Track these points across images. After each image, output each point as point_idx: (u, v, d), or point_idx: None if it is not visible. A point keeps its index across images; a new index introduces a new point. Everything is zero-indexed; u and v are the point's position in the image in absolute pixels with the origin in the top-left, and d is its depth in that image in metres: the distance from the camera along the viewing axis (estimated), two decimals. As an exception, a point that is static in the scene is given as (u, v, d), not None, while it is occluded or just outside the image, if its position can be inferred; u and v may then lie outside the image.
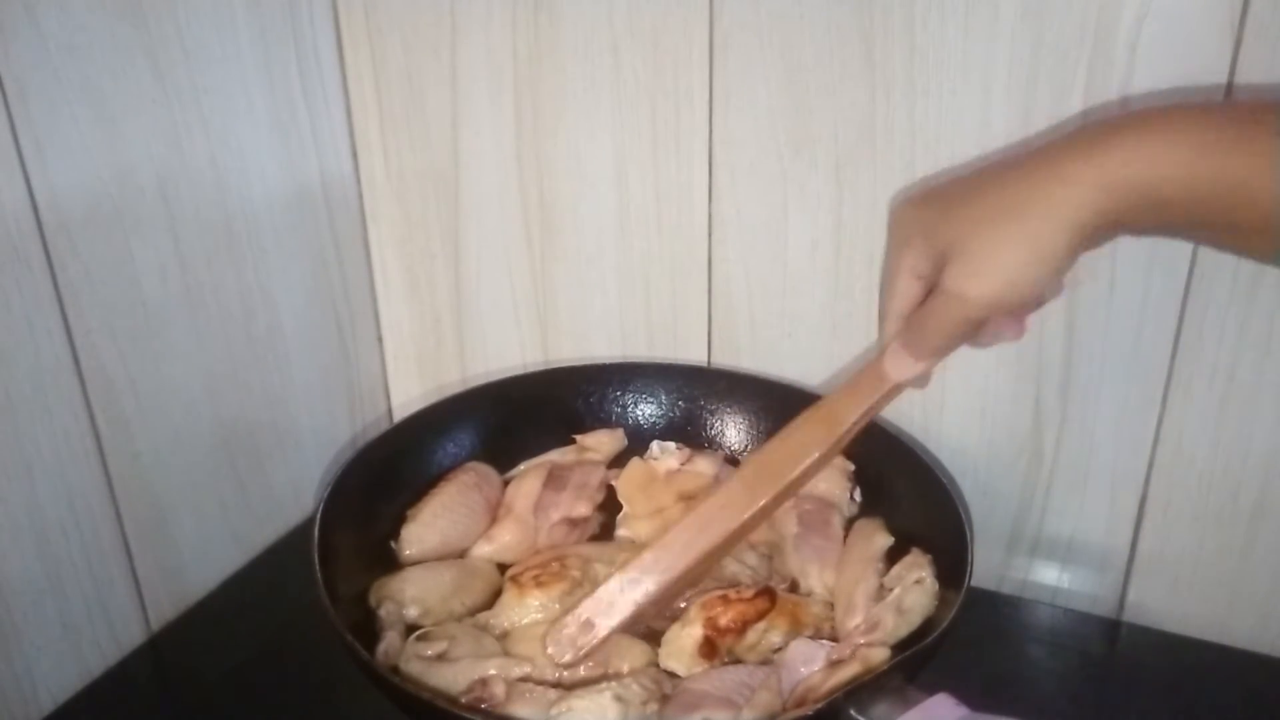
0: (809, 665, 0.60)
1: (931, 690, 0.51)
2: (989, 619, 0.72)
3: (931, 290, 0.55)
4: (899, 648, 0.59)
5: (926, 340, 0.56)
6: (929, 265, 0.55)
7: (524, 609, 0.64)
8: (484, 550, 0.71)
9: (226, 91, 0.72)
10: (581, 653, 0.59)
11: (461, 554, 0.71)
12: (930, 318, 0.55)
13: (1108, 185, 0.48)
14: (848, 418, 0.60)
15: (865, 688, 0.53)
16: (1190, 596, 0.71)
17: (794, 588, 0.67)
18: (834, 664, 0.59)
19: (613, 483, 0.76)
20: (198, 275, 0.72)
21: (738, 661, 0.60)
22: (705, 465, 0.76)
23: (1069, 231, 0.49)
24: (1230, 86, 0.59)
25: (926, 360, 0.58)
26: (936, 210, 0.55)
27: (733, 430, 0.80)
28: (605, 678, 0.58)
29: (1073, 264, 0.51)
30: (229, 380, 0.76)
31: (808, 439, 0.61)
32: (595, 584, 0.63)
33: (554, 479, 0.74)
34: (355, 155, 0.86)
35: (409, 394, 0.94)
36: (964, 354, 0.71)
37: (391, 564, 0.69)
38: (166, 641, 0.73)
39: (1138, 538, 0.71)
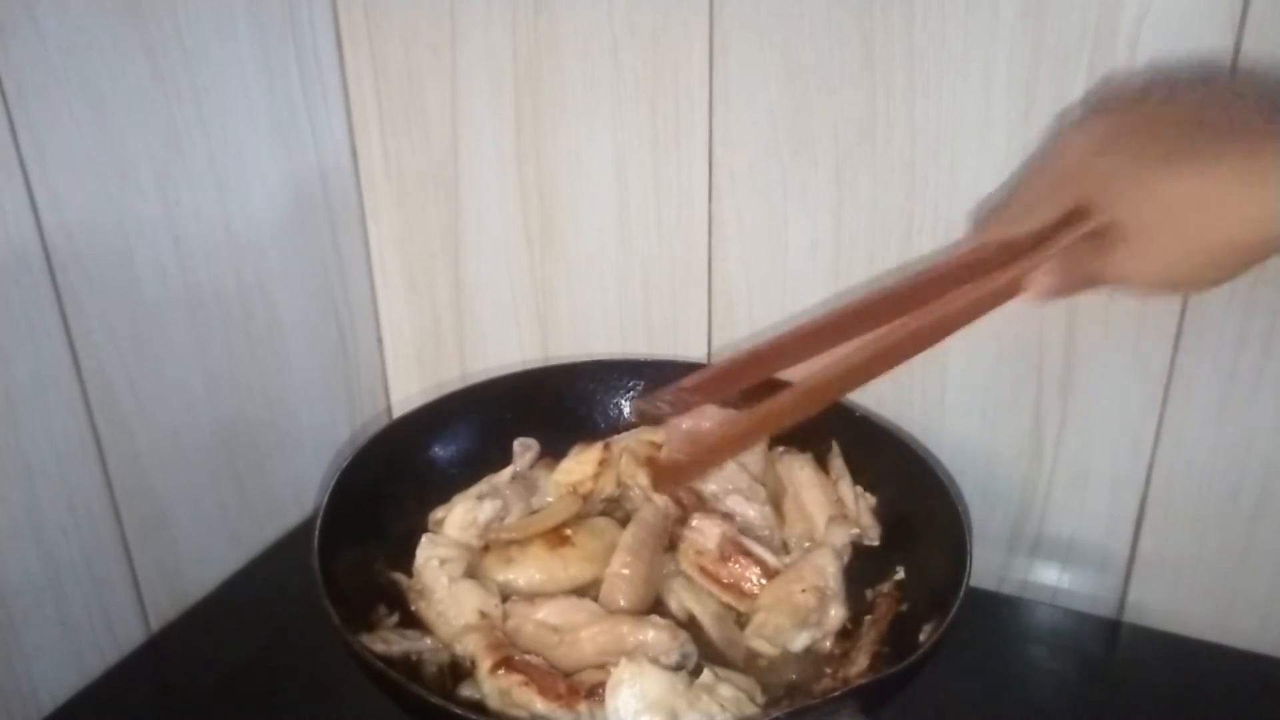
0: None
1: (933, 690, 0.51)
2: (989, 619, 0.72)
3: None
4: (900, 648, 0.59)
5: (1072, 284, 0.53)
6: (1078, 203, 0.51)
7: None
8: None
9: (226, 91, 0.72)
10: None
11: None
12: (1083, 273, 0.52)
13: None
14: (960, 324, 0.56)
15: (870, 685, 0.53)
16: (1190, 596, 0.71)
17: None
18: None
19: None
20: (198, 275, 0.72)
21: None
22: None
23: (1262, 245, 0.45)
24: (1230, 86, 0.59)
25: (1060, 296, 0.54)
26: (1115, 171, 0.49)
27: (733, 429, 0.80)
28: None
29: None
30: (229, 380, 0.76)
31: (917, 339, 0.56)
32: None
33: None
34: (355, 155, 0.86)
35: (408, 393, 0.94)
36: (964, 354, 0.71)
37: (391, 563, 0.69)
38: (166, 641, 0.73)
39: (1138, 538, 0.71)
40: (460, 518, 0.68)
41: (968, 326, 0.56)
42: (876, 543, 0.69)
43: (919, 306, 0.56)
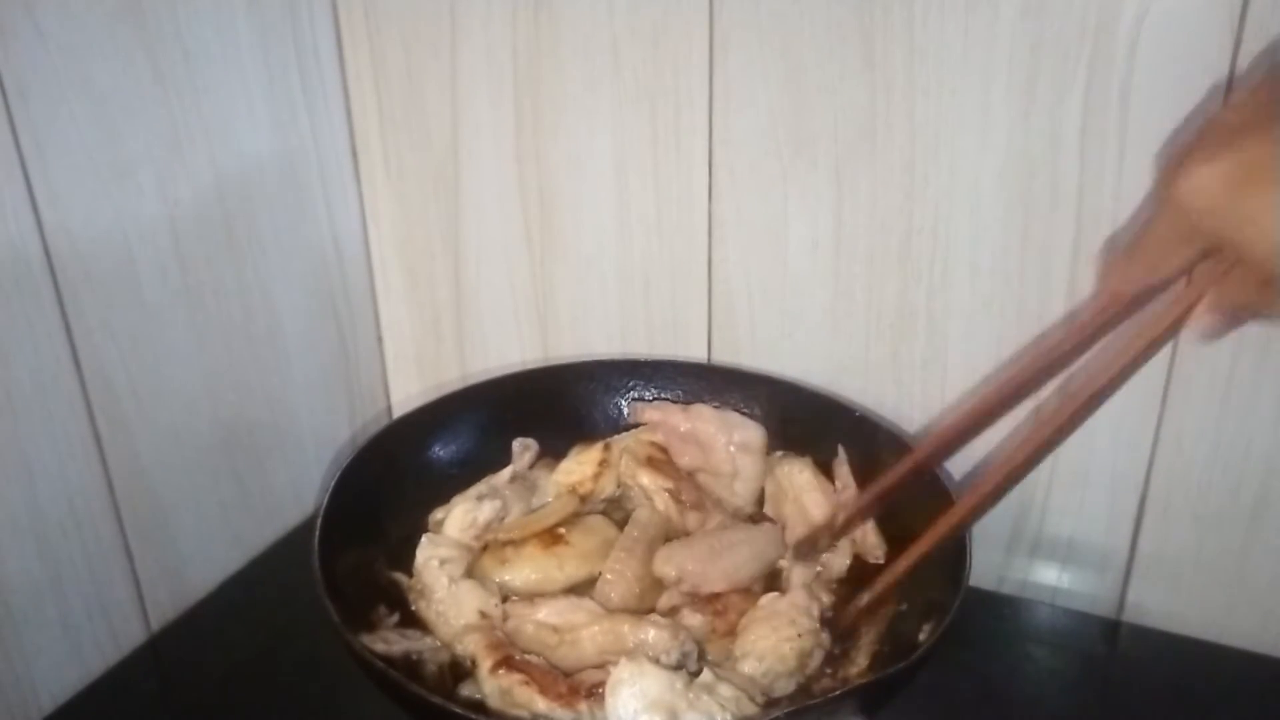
0: None
1: (933, 690, 0.51)
2: (989, 619, 0.72)
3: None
4: (900, 648, 0.59)
5: (1237, 316, 0.49)
6: (1213, 246, 0.47)
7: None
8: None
9: (226, 91, 0.72)
10: None
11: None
12: (1244, 304, 0.48)
13: None
14: (1161, 339, 0.53)
15: (870, 685, 0.53)
16: (1190, 596, 0.71)
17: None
18: None
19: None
20: (198, 275, 0.72)
21: None
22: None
23: None
24: (1230, 87, 0.59)
25: (1236, 326, 0.50)
26: (1257, 217, 0.44)
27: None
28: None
29: None
30: (229, 380, 0.76)
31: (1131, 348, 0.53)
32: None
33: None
34: (355, 155, 0.86)
35: (409, 393, 0.94)
36: (964, 353, 0.71)
37: (391, 563, 0.69)
38: (166, 641, 0.73)
39: (1137, 538, 0.71)
40: (460, 518, 0.68)
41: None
42: (882, 561, 0.69)
43: (1059, 372, 0.56)
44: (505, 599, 0.65)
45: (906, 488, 0.64)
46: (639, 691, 0.54)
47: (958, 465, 0.68)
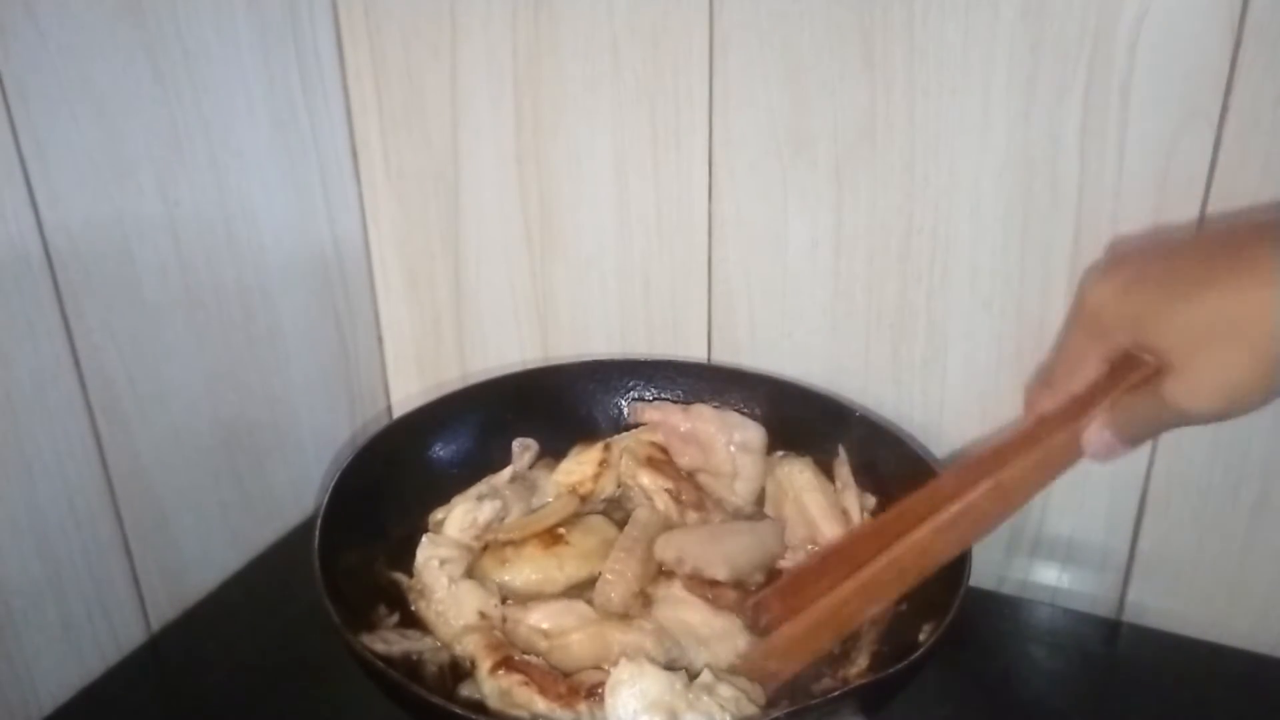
0: None
1: (933, 690, 0.51)
2: (989, 619, 0.72)
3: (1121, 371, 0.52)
4: (900, 648, 0.59)
5: (1134, 434, 0.53)
6: (1122, 354, 0.52)
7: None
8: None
9: (226, 91, 0.72)
10: None
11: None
12: (1140, 417, 0.52)
13: None
14: (1028, 493, 0.57)
15: (870, 685, 0.53)
16: (1190, 596, 0.71)
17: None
18: None
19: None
20: (198, 275, 0.72)
21: None
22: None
23: None
24: (1230, 87, 0.59)
25: (1128, 448, 0.54)
26: (1147, 305, 0.50)
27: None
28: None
29: None
30: (229, 380, 0.76)
31: (981, 513, 0.57)
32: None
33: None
34: (355, 155, 0.86)
35: (409, 393, 0.94)
36: (964, 354, 0.71)
37: (391, 563, 0.69)
38: (166, 641, 0.73)
39: (1137, 538, 0.71)
40: (460, 519, 0.68)
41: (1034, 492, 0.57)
42: None
43: (977, 484, 0.56)
44: (504, 600, 0.65)
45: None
46: (639, 692, 0.54)
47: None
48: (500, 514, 0.69)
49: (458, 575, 0.65)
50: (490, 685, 0.57)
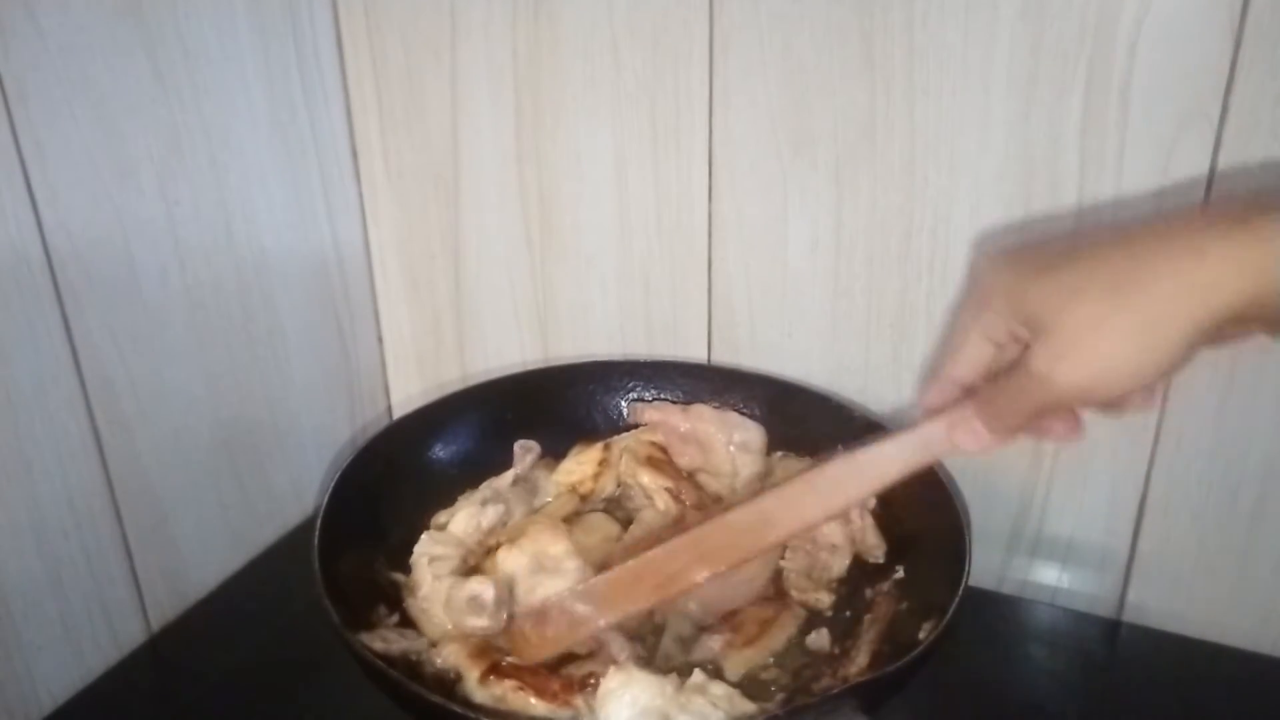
0: None
1: (932, 689, 0.51)
2: (989, 619, 0.72)
3: (1004, 359, 0.51)
4: (899, 647, 0.59)
5: (1001, 419, 0.51)
6: (1005, 332, 0.50)
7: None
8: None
9: (226, 91, 0.72)
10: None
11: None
12: (1007, 397, 0.50)
13: (1256, 267, 0.41)
14: (892, 475, 0.56)
15: (870, 684, 0.53)
16: (1190, 596, 0.71)
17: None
18: None
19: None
20: (198, 275, 0.72)
21: None
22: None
23: (1194, 319, 0.42)
24: (1230, 86, 0.59)
25: (1000, 437, 0.52)
26: (1028, 272, 0.49)
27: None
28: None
29: (1185, 363, 0.44)
30: (229, 380, 0.76)
31: (841, 492, 0.58)
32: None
33: None
34: (355, 155, 0.86)
35: (409, 393, 0.94)
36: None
37: (391, 563, 0.69)
38: (166, 641, 0.73)
39: (1138, 538, 0.71)
40: (464, 523, 0.68)
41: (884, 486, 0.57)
42: (882, 560, 0.69)
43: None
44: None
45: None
46: (629, 700, 0.53)
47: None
48: (504, 518, 0.69)
49: (444, 573, 0.65)
50: (482, 694, 0.57)
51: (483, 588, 0.61)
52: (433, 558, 0.65)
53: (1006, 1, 0.62)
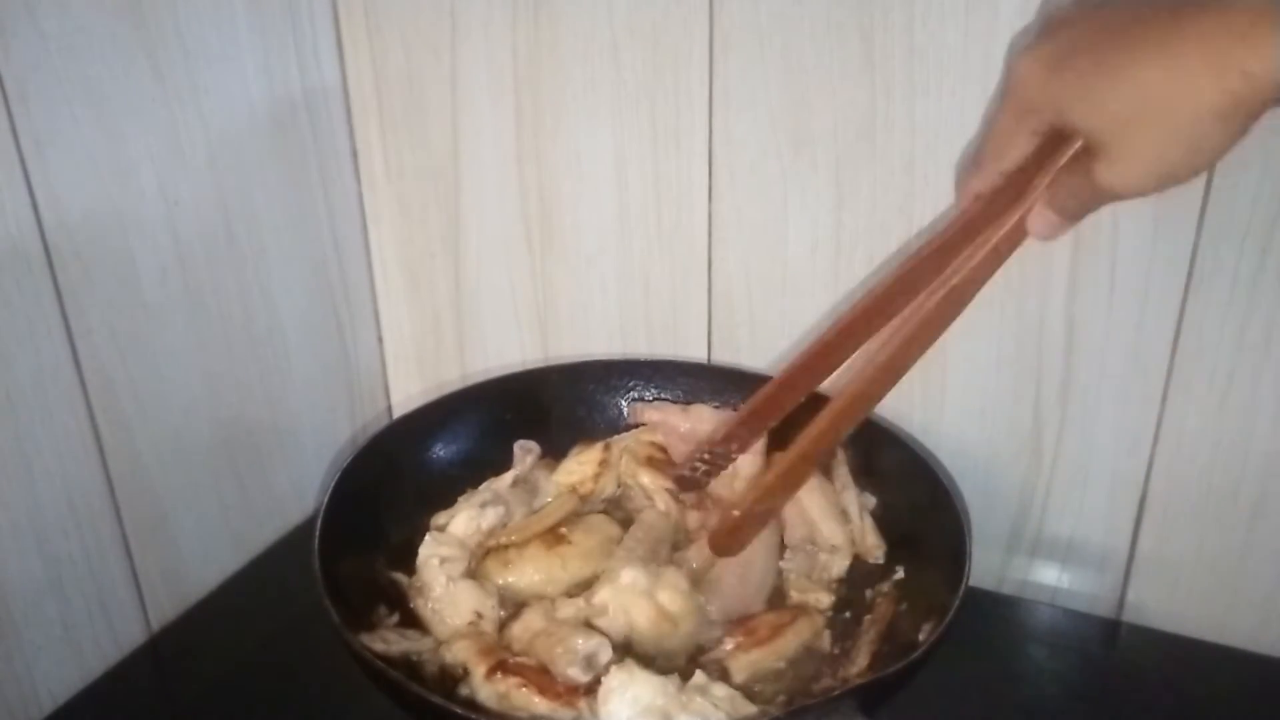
0: None
1: (932, 690, 0.51)
2: (989, 619, 0.72)
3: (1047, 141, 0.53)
4: (899, 648, 0.59)
5: (1073, 211, 0.54)
6: (1051, 130, 0.52)
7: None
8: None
9: (226, 91, 0.72)
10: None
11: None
12: (1078, 196, 0.52)
13: None
14: (980, 286, 0.57)
15: (870, 685, 0.53)
16: (1190, 596, 0.71)
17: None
18: None
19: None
20: (198, 275, 0.72)
21: None
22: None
23: (1239, 104, 0.45)
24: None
25: (1070, 225, 0.55)
26: (1073, 85, 0.50)
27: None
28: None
29: (1237, 143, 0.47)
30: (229, 380, 0.76)
31: (940, 320, 0.58)
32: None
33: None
34: (355, 156, 0.86)
35: (409, 393, 0.94)
36: (964, 353, 0.71)
37: (391, 563, 0.69)
38: (166, 641, 0.73)
39: (1137, 538, 0.71)
40: (464, 524, 0.68)
41: (982, 287, 0.57)
42: (882, 561, 0.69)
43: (928, 284, 0.58)
44: (502, 602, 0.65)
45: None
46: (631, 699, 0.53)
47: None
48: (504, 519, 0.69)
49: (456, 575, 0.65)
50: (487, 691, 0.57)
51: (599, 645, 0.59)
52: (443, 559, 0.65)
53: (1006, 1, 0.62)
